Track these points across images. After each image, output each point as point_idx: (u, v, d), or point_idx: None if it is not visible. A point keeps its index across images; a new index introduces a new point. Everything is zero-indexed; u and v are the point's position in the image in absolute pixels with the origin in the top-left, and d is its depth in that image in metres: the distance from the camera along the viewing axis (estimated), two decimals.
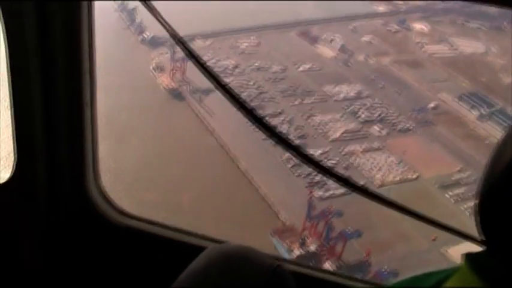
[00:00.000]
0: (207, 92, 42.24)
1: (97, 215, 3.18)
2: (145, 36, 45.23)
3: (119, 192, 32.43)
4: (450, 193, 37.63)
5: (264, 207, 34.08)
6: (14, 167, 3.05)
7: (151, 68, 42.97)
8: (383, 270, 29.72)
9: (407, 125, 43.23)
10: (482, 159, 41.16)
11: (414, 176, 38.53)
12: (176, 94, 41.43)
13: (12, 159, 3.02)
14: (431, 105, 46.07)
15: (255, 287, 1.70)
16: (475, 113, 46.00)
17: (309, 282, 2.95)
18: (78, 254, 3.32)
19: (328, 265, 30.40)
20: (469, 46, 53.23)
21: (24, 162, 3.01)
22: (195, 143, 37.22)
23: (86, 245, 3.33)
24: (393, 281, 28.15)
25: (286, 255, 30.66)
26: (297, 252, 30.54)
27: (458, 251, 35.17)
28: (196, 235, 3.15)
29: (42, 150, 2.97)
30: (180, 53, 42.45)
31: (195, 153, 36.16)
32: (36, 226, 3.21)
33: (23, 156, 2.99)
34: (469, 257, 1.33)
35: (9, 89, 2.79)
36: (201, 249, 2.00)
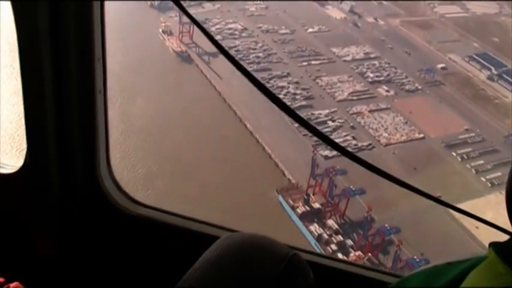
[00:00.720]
0: (214, 54, 42.61)
1: (109, 204, 3.11)
2: (155, 1, 45.55)
3: (128, 147, 33.33)
4: (457, 152, 37.83)
5: (271, 166, 34.63)
6: (26, 155, 3.04)
7: (160, 31, 43.37)
8: (386, 225, 30.13)
9: (415, 86, 43.26)
10: (490, 119, 41.31)
11: (420, 136, 38.71)
12: (185, 57, 41.86)
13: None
14: (441, 65, 45.97)
15: (270, 276, 1.64)
16: (485, 73, 45.89)
17: (326, 271, 2.85)
18: (91, 243, 3.28)
19: (331, 222, 31.03)
20: (481, 6, 52.74)
21: (36, 150, 2.98)
22: (202, 104, 37.71)
23: (99, 234, 3.27)
24: (394, 237, 28.73)
25: (291, 213, 31.35)
26: (301, 209, 31.09)
27: (462, 207, 35.56)
28: (209, 224, 3.09)
29: (54, 138, 2.93)
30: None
31: (202, 113, 36.69)
32: (49, 215, 3.18)
33: (35, 144, 2.97)
34: (496, 246, 1.23)
35: (21, 78, 2.80)
36: (213, 238, 1.96)
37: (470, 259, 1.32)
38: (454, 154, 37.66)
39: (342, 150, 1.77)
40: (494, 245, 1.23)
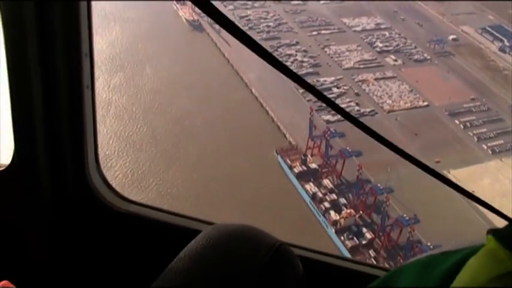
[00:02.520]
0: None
1: (99, 202, 3.10)
2: None
3: (137, 109, 34.82)
4: (460, 120, 38.25)
5: (273, 129, 35.72)
6: (14, 153, 3.00)
7: (174, 1, 44.63)
8: (378, 185, 30.97)
9: (424, 56, 43.65)
10: (497, 89, 41.52)
11: (425, 104, 39.22)
12: (196, 25, 43.08)
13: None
14: (452, 37, 46.16)
15: (256, 266, 1.61)
16: (497, 44, 45.92)
17: (315, 266, 2.80)
18: (81, 242, 3.25)
19: (326, 181, 32.03)
20: None
21: (24, 148, 2.96)
22: (211, 70, 38.96)
23: (89, 232, 3.24)
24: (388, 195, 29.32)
25: (288, 172, 32.46)
26: (298, 168, 32.16)
27: (461, 173, 36.07)
28: (200, 221, 3.03)
29: (42, 135, 2.90)
30: None
31: (210, 79, 37.94)
32: (38, 214, 3.14)
33: (22, 142, 2.95)
34: (497, 233, 1.19)
35: (7, 74, 2.79)
36: None
37: (466, 248, 1.27)
38: (457, 122, 38.12)
39: (344, 114, 1.61)
40: (494, 232, 1.18)
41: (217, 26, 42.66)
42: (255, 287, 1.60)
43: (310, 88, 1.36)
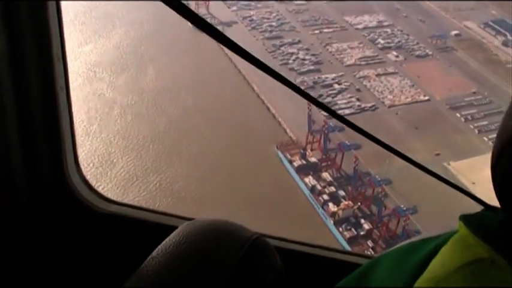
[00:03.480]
0: (229, 24, 44.59)
1: (80, 202, 3.07)
2: None
3: (139, 109, 35.64)
4: (461, 113, 38.53)
5: (274, 125, 36.34)
6: None
7: None
8: (376, 177, 31.43)
9: (426, 51, 44.00)
10: (500, 82, 41.73)
11: (426, 98, 39.58)
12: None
13: None
14: (454, 32, 46.46)
15: (231, 260, 1.60)
16: (500, 39, 46.12)
17: (296, 257, 2.80)
18: (62, 244, 3.20)
19: (326, 175, 32.55)
20: None
21: (0, 152, 2.93)
22: (212, 69, 39.69)
23: (70, 234, 3.20)
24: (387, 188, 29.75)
25: (288, 166, 33.03)
26: (297, 162, 32.73)
27: (460, 165, 36.35)
28: (184, 218, 2.99)
29: (17, 140, 2.85)
30: None
31: (211, 77, 38.71)
32: (17, 217, 3.08)
33: None
34: (467, 218, 1.18)
35: None
36: None
37: (445, 234, 1.27)
38: (458, 115, 38.41)
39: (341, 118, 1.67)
40: (464, 217, 1.18)
41: (220, 27, 43.79)
42: (231, 280, 1.57)
43: (289, 84, 1.40)
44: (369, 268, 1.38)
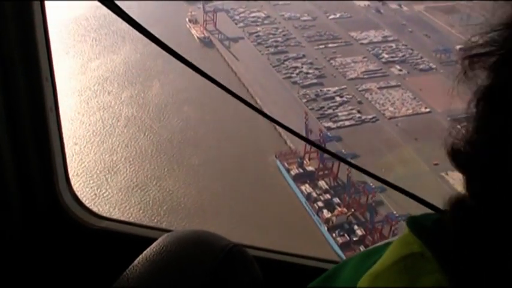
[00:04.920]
0: (235, 39, 45.87)
1: (71, 219, 3.12)
2: None
3: (142, 122, 36.86)
4: (462, 124, 38.73)
5: (275, 136, 37.18)
6: None
7: (187, 20, 47.01)
8: (370, 184, 31.96)
9: (430, 65, 44.55)
10: None
11: (427, 110, 40.06)
12: (207, 42, 45.23)
13: None
14: (460, 46, 46.63)
15: (208, 268, 1.59)
16: None
17: (274, 266, 2.84)
18: (54, 260, 3.22)
19: (322, 183, 33.27)
20: None
21: None
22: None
23: (62, 250, 3.23)
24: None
25: (286, 174, 33.83)
26: (295, 171, 33.53)
27: (458, 175, 36.39)
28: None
29: (10, 158, 2.91)
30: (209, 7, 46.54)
31: (215, 90, 39.54)
32: (8, 234, 3.13)
33: None
34: (410, 219, 1.21)
35: None
36: None
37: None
38: (459, 127, 38.56)
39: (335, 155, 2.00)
40: (408, 219, 1.20)
41: (227, 42, 45.15)
42: (209, 286, 1.60)
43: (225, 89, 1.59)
44: (334, 271, 1.42)
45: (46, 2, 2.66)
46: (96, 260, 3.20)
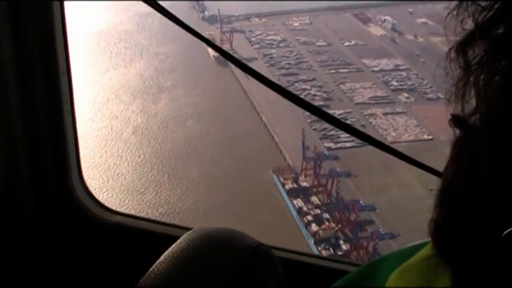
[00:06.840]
0: (249, 59, 47.36)
1: (83, 213, 3.13)
2: (206, 14, 51.58)
3: (150, 133, 38.48)
4: None
5: (275, 152, 38.37)
6: None
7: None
8: (361, 202, 32.75)
9: (438, 95, 45.12)
10: None
11: (429, 137, 40.61)
12: (221, 61, 46.78)
13: None
14: None
15: (233, 265, 1.59)
16: None
17: (296, 266, 2.84)
18: (66, 253, 3.24)
19: (314, 198, 34.22)
20: None
21: (7, 165, 2.98)
22: (227, 99, 42.40)
23: (74, 244, 3.25)
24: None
25: (281, 189, 34.89)
26: (289, 185, 34.58)
27: None
28: (185, 228, 2.88)
29: (24, 152, 2.92)
30: (226, 27, 48.36)
31: (224, 106, 41.36)
32: (21, 227, 3.13)
33: (5, 159, 2.97)
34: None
35: None
36: None
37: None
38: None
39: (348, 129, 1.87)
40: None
41: None
42: (232, 285, 1.60)
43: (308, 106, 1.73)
44: (369, 269, 1.37)
45: (73, 15, 3.54)
46: (108, 254, 3.27)
